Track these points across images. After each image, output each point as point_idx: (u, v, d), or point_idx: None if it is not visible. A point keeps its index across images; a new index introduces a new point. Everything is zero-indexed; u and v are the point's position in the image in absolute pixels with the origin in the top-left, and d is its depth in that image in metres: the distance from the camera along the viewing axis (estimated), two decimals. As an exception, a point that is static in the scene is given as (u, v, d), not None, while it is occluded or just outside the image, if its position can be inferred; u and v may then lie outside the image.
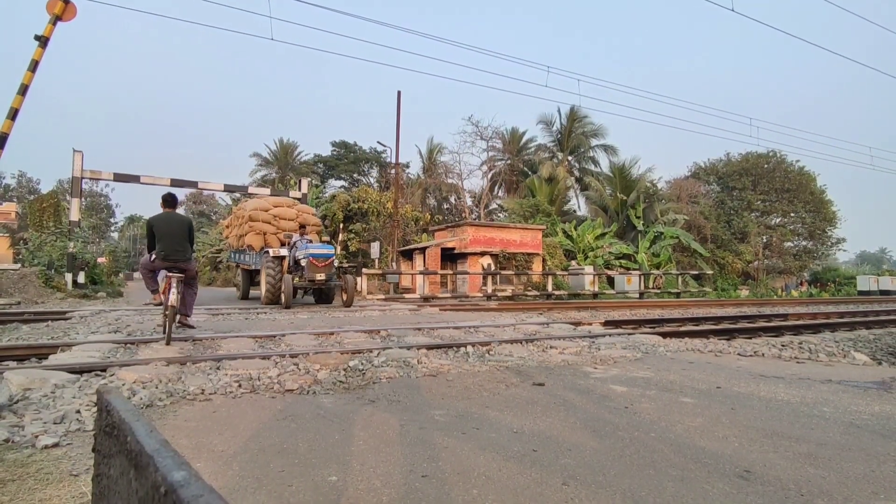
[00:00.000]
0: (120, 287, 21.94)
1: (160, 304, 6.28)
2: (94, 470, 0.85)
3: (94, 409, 3.05)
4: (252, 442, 2.55)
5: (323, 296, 13.46)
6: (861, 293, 33.76)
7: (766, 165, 37.43)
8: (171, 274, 5.88)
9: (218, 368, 4.33)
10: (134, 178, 18.90)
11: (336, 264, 12.21)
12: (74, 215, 17.67)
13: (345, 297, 12.11)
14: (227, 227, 17.20)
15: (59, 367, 4.08)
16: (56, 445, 2.48)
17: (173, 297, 5.70)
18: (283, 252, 12.66)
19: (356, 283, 15.31)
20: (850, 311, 16.00)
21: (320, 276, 11.75)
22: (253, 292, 15.95)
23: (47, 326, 7.74)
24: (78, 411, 2.99)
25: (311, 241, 12.68)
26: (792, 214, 38.16)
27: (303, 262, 11.78)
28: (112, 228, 67.41)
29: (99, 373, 4.12)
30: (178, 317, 6.13)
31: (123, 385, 3.65)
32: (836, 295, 32.62)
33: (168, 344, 5.52)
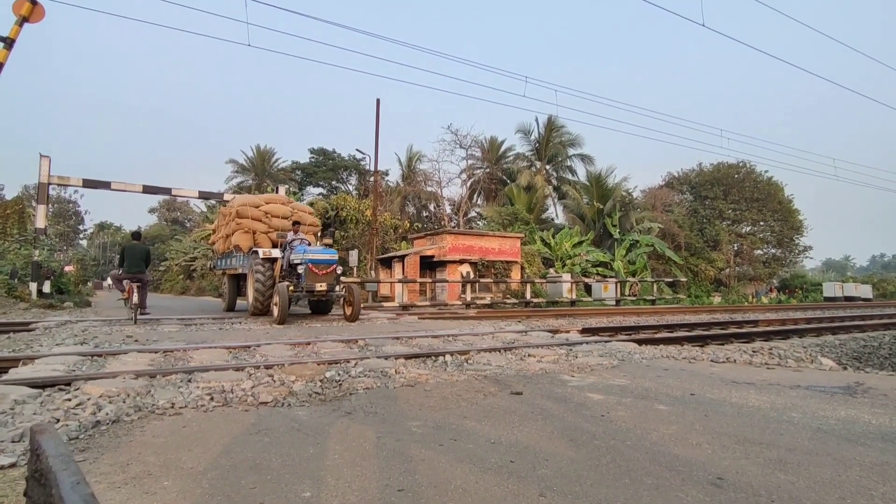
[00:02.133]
0: (88, 296, 21.26)
1: (128, 299, 9.86)
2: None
3: (57, 426, 2.93)
4: (223, 457, 2.47)
5: (321, 306, 11.99)
6: (827, 299, 34.93)
7: (736, 175, 38.54)
8: (132, 283, 9.85)
9: (189, 381, 4.21)
10: (104, 185, 18.38)
11: (339, 272, 10.51)
12: (40, 222, 17.09)
13: (348, 312, 10.37)
14: (214, 230, 15.27)
15: (19, 382, 3.91)
16: (13, 465, 2.36)
17: (135, 298, 9.63)
18: (275, 253, 10.98)
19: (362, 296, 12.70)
20: (817, 316, 16.52)
21: (321, 286, 9.98)
22: (241, 303, 13.97)
23: (9, 338, 7.43)
24: (39, 428, 2.86)
25: (308, 243, 11.01)
26: (761, 223, 39.33)
27: (300, 269, 10.08)
28: (81, 236, 65.39)
29: (63, 387, 3.97)
30: (139, 309, 9.77)
31: (89, 399, 3.52)
32: (804, 301, 33.67)
33: (136, 324, 9.07)
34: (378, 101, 20.58)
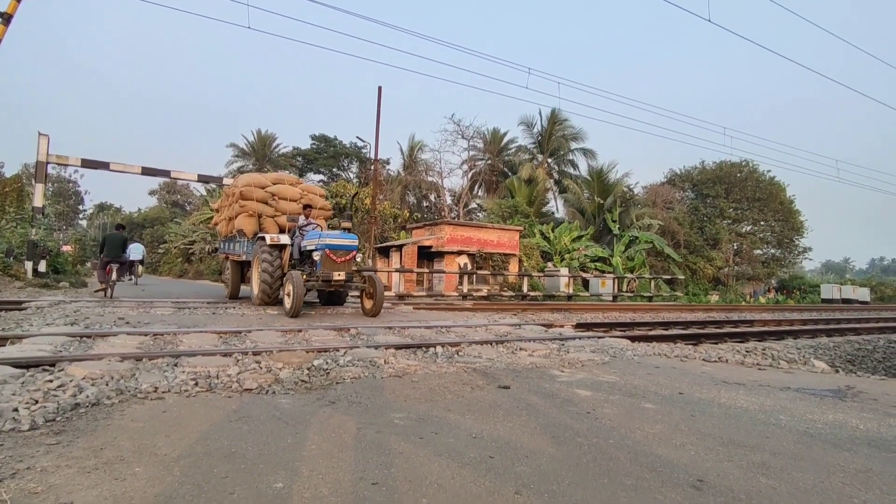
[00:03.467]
0: (85, 276, 21.25)
1: (104, 289, 11.31)
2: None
3: (34, 407, 2.90)
4: (199, 445, 2.44)
5: (333, 297, 10.87)
6: (824, 301, 34.95)
7: (738, 174, 38.35)
8: (112, 265, 11.34)
9: (175, 365, 4.18)
10: (103, 165, 18.30)
11: (358, 259, 9.32)
12: (38, 201, 17.03)
13: (368, 305, 9.27)
14: (217, 210, 14.21)
15: (4, 361, 3.87)
16: (-14, 446, 2.33)
17: (114, 276, 11.31)
18: (284, 240, 10.06)
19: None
20: (814, 318, 16.50)
21: (339, 275, 8.94)
22: (245, 289, 12.92)
23: None
24: (16, 409, 2.83)
25: (321, 228, 10.18)
26: (762, 223, 39.22)
27: (316, 256, 9.07)
28: (81, 216, 65.28)
29: (47, 368, 3.94)
30: (114, 285, 11.45)
31: (71, 381, 3.48)
32: (801, 302, 33.68)
33: (111, 298, 10.90)
34: (380, 88, 20.37)
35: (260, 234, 10.50)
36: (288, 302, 8.56)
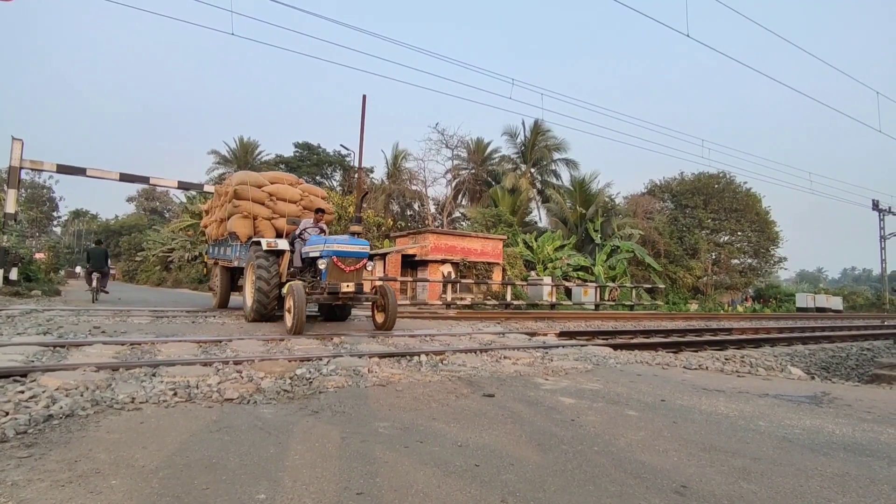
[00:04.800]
0: (59, 285, 20.68)
1: (93, 288, 13.96)
2: None
3: (4, 419, 2.80)
4: (178, 456, 2.38)
5: (336, 310, 9.70)
6: (799, 310, 35.74)
7: (716, 186, 39.20)
8: (95, 274, 14.01)
9: (153, 375, 4.08)
10: (79, 171, 17.87)
11: (369, 269, 8.45)
12: (10, 207, 16.55)
13: (380, 319, 8.30)
14: (207, 210, 13.11)
15: (-29, 372, 3.74)
16: (-47, 460, 2.24)
17: (95, 283, 13.88)
18: (282, 244, 8.84)
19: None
20: (789, 326, 16.88)
21: (347, 287, 7.79)
22: (235, 299, 12.10)
23: (-32, 326, 7.15)
24: (-16, 421, 2.73)
25: (325, 233, 9.17)
26: (739, 233, 40.05)
27: (321, 264, 7.91)
28: (55, 223, 63.65)
29: (18, 378, 3.81)
30: (99, 291, 14.01)
31: (44, 392, 3.37)
32: (777, 311, 34.41)
33: (95, 301, 13.24)
34: (364, 97, 20.42)
35: (255, 238, 9.40)
36: (289, 318, 7.45)
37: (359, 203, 9.64)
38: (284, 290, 7.97)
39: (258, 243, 8.94)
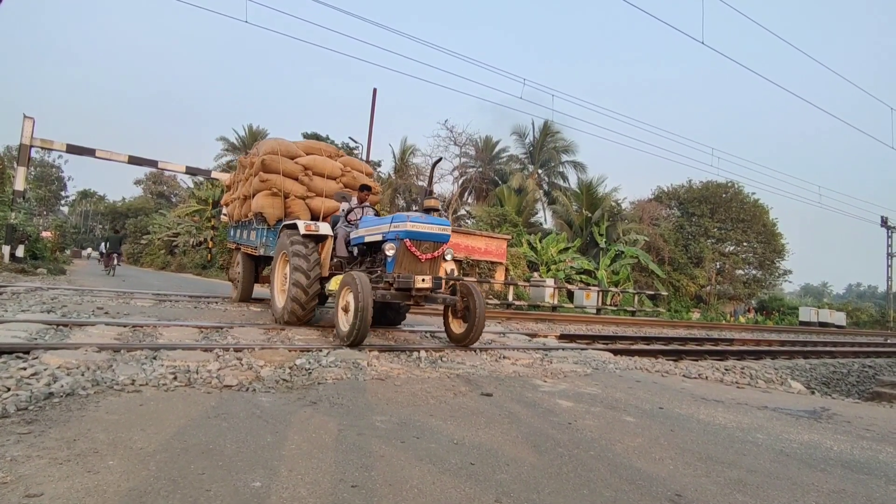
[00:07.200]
0: (64, 264, 20.80)
1: (108, 266, 19.46)
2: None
3: (6, 395, 2.82)
4: (176, 440, 2.40)
5: (389, 312, 7.62)
6: (802, 323, 35.57)
7: (724, 195, 38.98)
8: (111, 255, 19.48)
9: (154, 358, 4.10)
10: (89, 152, 18.01)
11: (448, 258, 6.39)
12: (19, 185, 16.69)
13: (459, 330, 6.34)
14: (229, 186, 10.97)
15: (-25, 347, 3.78)
16: (-46, 433, 2.26)
17: (114, 261, 19.36)
18: (324, 228, 7.01)
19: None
20: (791, 339, 16.79)
21: (423, 281, 5.68)
22: (259, 292, 10.38)
23: (-27, 301, 7.22)
24: (-14, 396, 2.75)
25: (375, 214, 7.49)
26: (744, 244, 39.86)
27: (388, 250, 5.84)
28: (63, 202, 64.02)
29: (21, 355, 3.84)
30: (114, 266, 19.21)
31: (45, 370, 3.40)
32: (780, 323, 34.26)
33: (112, 275, 18.13)
34: (375, 90, 20.41)
35: (288, 221, 7.42)
36: (345, 321, 5.55)
37: (431, 172, 7.94)
38: (331, 285, 6.50)
39: (293, 226, 7.14)
